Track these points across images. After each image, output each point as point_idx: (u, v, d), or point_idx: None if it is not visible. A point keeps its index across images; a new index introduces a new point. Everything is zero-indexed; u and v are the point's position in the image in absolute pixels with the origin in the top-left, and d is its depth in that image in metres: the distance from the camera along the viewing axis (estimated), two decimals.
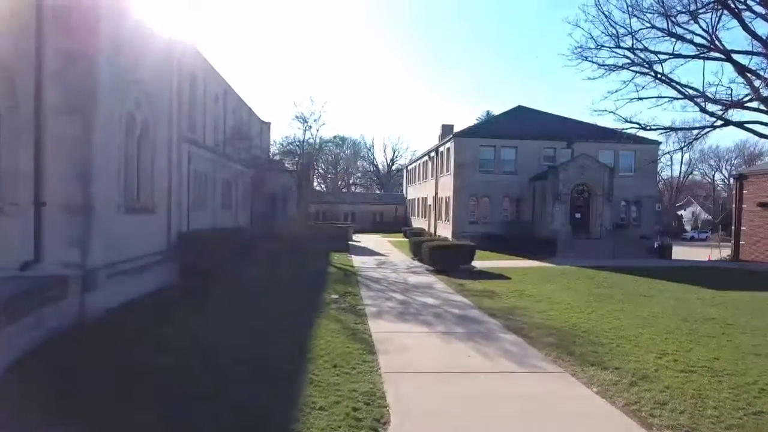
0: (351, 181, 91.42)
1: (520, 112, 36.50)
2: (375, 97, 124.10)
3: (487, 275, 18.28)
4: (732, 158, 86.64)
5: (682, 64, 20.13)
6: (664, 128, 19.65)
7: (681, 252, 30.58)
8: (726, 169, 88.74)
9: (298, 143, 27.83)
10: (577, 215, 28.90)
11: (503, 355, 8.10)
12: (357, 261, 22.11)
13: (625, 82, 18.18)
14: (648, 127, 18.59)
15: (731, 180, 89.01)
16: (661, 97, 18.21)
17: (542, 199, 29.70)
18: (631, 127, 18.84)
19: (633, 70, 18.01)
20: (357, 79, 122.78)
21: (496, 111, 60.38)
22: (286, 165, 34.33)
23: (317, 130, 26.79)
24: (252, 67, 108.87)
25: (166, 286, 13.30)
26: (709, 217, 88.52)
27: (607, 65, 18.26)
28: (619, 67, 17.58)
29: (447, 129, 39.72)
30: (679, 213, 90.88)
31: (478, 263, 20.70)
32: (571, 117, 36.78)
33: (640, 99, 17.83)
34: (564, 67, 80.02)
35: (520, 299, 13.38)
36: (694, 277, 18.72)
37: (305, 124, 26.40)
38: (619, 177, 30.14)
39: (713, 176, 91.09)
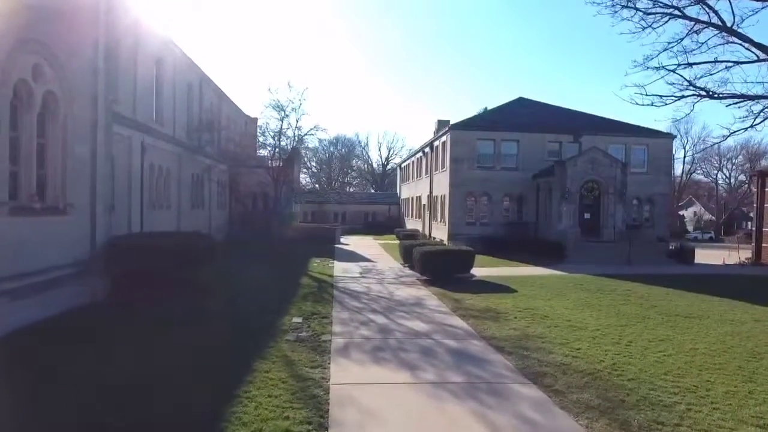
0: (346, 180, 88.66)
1: (521, 103, 33.69)
2: (368, 95, 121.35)
3: (489, 287, 15.49)
4: (734, 157, 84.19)
5: (756, 11, 14.64)
6: (740, 96, 14.54)
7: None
8: (727, 168, 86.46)
9: (273, 135, 24.91)
10: (587, 215, 26.11)
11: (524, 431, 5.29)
12: (339, 268, 19.28)
13: (670, 43, 13.83)
14: (717, 95, 14.40)
15: (732, 180, 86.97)
16: (718, 61, 14.13)
17: (548, 198, 26.91)
18: (693, 94, 14.52)
19: (692, 18, 13.65)
20: (350, 78, 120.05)
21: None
22: (269, 161, 31.43)
23: (297, 120, 23.81)
24: (242, 66, 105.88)
25: (81, 307, 10.42)
26: (712, 217, 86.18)
27: (656, 13, 14.16)
28: (674, 15, 13.63)
29: (443, 124, 36.79)
30: (681, 213, 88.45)
31: (477, 270, 17.93)
32: (577, 110, 34.10)
33: (691, 65, 14.01)
34: (597, 15, 70.01)
35: (533, 322, 10.58)
36: (733, 288, 15.99)
37: (282, 112, 23.38)
38: (630, 173, 27.40)
39: (716, 176, 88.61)
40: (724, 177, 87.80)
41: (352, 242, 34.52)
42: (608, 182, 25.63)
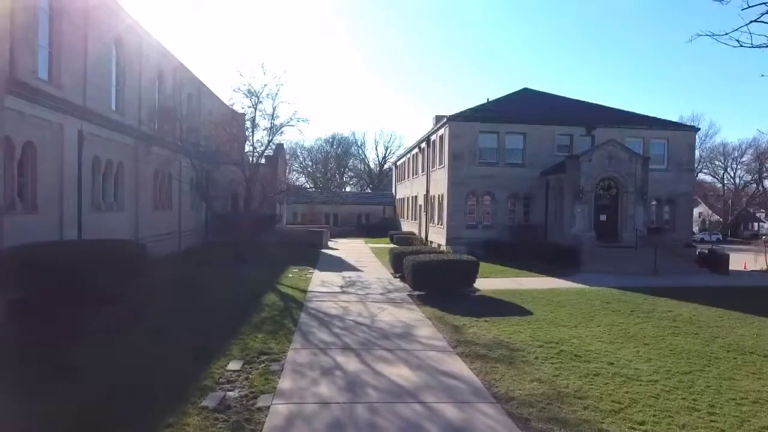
0: (343, 180, 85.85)
1: (526, 94, 30.71)
2: (366, 93, 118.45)
3: (497, 306, 12.59)
4: (740, 156, 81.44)
5: None
6: None
7: None
8: (732, 167, 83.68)
9: (246, 126, 21.91)
10: (603, 217, 23.18)
11: None
12: (317, 280, 16.34)
13: None
14: None
15: (737, 179, 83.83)
16: None
17: (558, 198, 23.99)
18: None
19: None
20: (348, 76, 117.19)
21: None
22: (249, 158, 28.39)
23: (274, 109, 20.75)
24: (239, 65, 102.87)
25: None
26: (719, 218, 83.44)
27: None
28: None
29: (441, 120, 33.77)
30: None
31: (481, 282, 15.04)
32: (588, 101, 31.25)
33: None
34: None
35: (562, 366, 7.68)
36: None
37: (255, 98, 20.33)
38: (649, 171, 24.46)
39: (722, 175, 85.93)
40: (729, 177, 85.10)
41: (341, 246, 31.58)
42: (627, 179, 22.71)
